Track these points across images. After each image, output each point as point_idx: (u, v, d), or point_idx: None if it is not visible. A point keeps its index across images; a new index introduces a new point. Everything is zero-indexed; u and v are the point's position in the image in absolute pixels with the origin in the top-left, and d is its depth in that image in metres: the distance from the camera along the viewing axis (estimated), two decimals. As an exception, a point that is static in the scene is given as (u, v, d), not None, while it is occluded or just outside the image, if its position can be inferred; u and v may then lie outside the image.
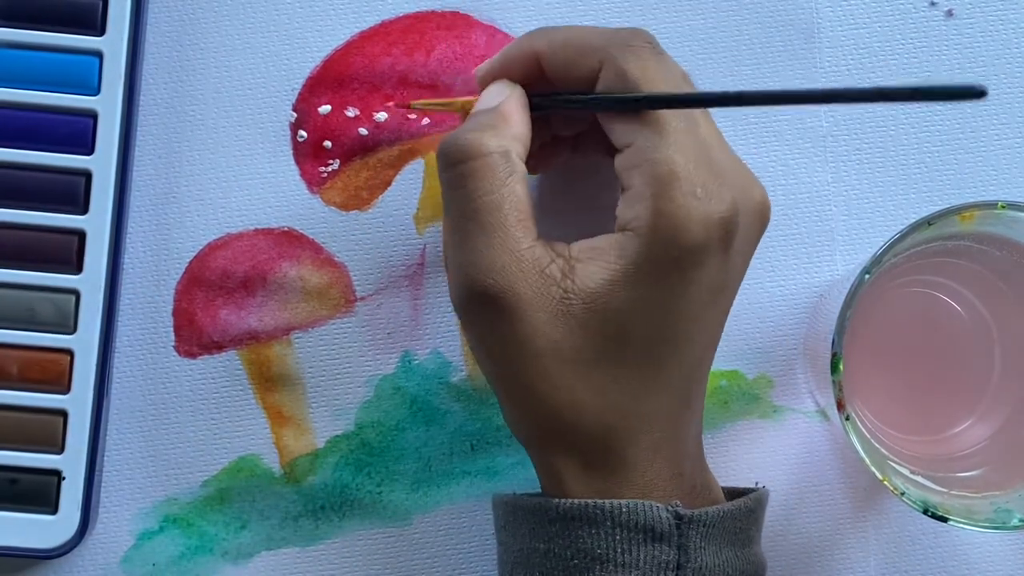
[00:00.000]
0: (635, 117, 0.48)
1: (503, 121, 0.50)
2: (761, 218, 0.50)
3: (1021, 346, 0.55)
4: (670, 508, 0.48)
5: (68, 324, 0.56)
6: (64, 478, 0.55)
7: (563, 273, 0.48)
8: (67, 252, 0.56)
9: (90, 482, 0.55)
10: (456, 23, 0.59)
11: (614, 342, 0.48)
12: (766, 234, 0.58)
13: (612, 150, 0.50)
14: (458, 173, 0.49)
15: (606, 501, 0.48)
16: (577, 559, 0.48)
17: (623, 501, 0.47)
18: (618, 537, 0.47)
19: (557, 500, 0.48)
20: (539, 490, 0.51)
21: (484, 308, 0.48)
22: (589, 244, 0.48)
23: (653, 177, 0.47)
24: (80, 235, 0.56)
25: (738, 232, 0.48)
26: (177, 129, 0.58)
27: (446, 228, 0.50)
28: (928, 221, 0.50)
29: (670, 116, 0.48)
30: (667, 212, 0.47)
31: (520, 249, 0.48)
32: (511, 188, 0.48)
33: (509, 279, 0.48)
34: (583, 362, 0.48)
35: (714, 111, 0.58)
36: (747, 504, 0.50)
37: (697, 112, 0.49)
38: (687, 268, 0.47)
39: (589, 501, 0.48)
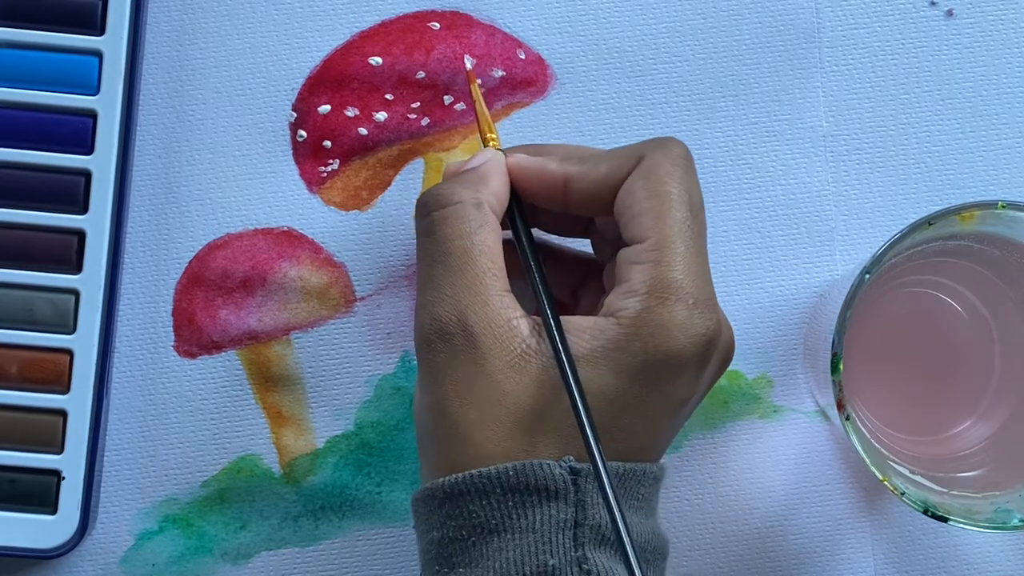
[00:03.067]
0: (654, 217, 0.48)
1: (480, 179, 0.51)
2: (727, 352, 0.50)
3: (1021, 346, 0.55)
4: (564, 463, 0.47)
5: (68, 324, 0.56)
6: (64, 478, 0.55)
7: (531, 331, 0.48)
8: (67, 252, 0.56)
9: (90, 482, 0.55)
10: (456, 23, 0.59)
11: (557, 411, 0.47)
12: (766, 234, 0.58)
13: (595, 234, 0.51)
14: (430, 220, 0.50)
15: (491, 467, 0.46)
16: (474, 536, 0.46)
17: (509, 464, 0.46)
18: (511, 503, 0.46)
19: (442, 479, 0.47)
20: None
21: (443, 343, 0.48)
22: (568, 318, 0.48)
23: (653, 278, 0.47)
24: (80, 235, 0.56)
25: (715, 355, 0.48)
26: (177, 129, 0.58)
27: (418, 276, 0.50)
28: (928, 221, 0.50)
29: (687, 227, 0.48)
30: (657, 312, 0.47)
31: (487, 294, 0.48)
32: (482, 237, 0.49)
33: (471, 319, 0.48)
34: (520, 422, 0.47)
35: (716, 112, 0.58)
36: (651, 469, 0.49)
37: (703, 231, 0.50)
38: (660, 372, 0.47)
39: (474, 471, 0.47)
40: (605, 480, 0.45)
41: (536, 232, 0.53)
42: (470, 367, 0.48)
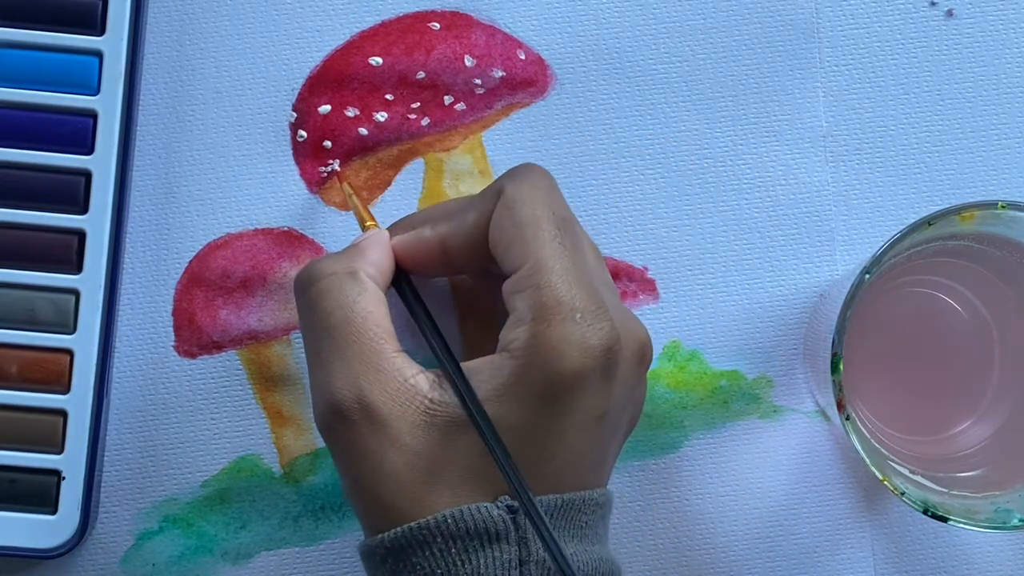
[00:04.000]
0: (524, 243, 0.48)
1: (357, 252, 0.50)
2: (641, 352, 0.49)
3: (1021, 346, 0.55)
4: (500, 503, 0.46)
5: (68, 324, 0.56)
6: (64, 478, 0.55)
7: (431, 385, 0.48)
8: (67, 252, 0.56)
9: (90, 482, 0.55)
10: (456, 23, 0.59)
11: (477, 455, 0.47)
12: (766, 233, 0.58)
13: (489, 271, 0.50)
14: (308, 297, 0.49)
15: (430, 517, 0.46)
16: None
17: (447, 511, 0.46)
18: (453, 550, 0.46)
19: (381, 536, 0.47)
20: None
21: (341, 421, 0.47)
22: (466, 363, 0.48)
23: (536, 302, 0.47)
24: (80, 235, 0.56)
25: (621, 361, 0.48)
26: (177, 129, 0.58)
27: (306, 357, 0.50)
28: (928, 221, 0.50)
29: (558, 245, 0.48)
30: (545, 335, 0.46)
31: (378, 360, 0.48)
32: (363, 304, 0.48)
33: (366, 390, 0.47)
34: (442, 475, 0.47)
35: (716, 112, 0.58)
36: (591, 496, 0.48)
37: (585, 243, 0.49)
38: (561, 393, 0.47)
39: (412, 524, 0.46)
40: (535, 514, 0.45)
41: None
42: (377, 439, 0.47)
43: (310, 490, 0.57)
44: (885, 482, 0.50)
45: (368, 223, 0.54)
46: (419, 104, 0.58)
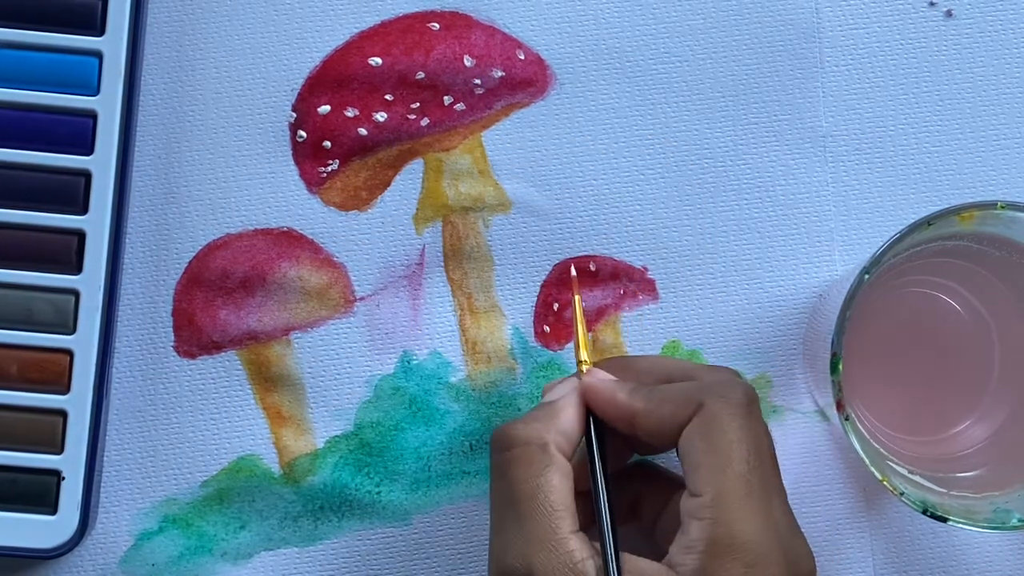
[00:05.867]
0: (711, 471, 0.48)
1: (552, 416, 0.51)
2: None
3: (1021, 346, 0.55)
4: None
5: (67, 324, 0.56)
6: (64, 478, 0.55)
7: (597, 572, 0.48)
8: (66, 252, 0.56)
9: (89, 482, 0.55)
10: (456, 23, 0.59)
11: None
12: (766, 234, 0.58)
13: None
14: (501, 460, 0.50)
15: None
16: None
17: None
18: None
19: None
20: None
21: None
22: (635, 562, 0.48)
23: (711, 536, 0.47)
24: (80, 235, 0.56)
25: None
26: (177, 129, 0.58)
27: (491, 516, 0.51)
28: (928, 221, 0.50)
29: (744, 483, 0.48)
30: (712, 571, 0.47)
31: (552, 538, 0.48)
32: (547, 478, 0.49)
33: (535, 565, 0.48)
34: None
35: (716, 112, 0.58)
36: None
37: (772, 478, 0.49)
38: None
39: None
40: None
41: None
42: None
43: (309, 490, 0.58)
44: (884, 482, 0.50)
45: (583, 362, 0.54)
46: (419, 104, 0.58)
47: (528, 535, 0.49)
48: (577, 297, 0.55)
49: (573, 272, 0.57)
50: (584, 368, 0.54)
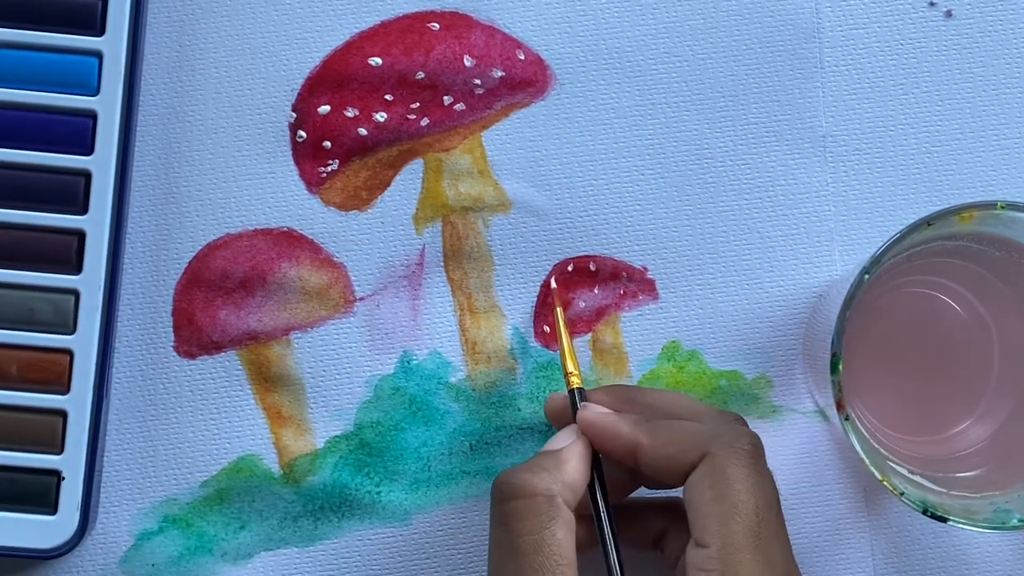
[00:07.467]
0: (718, 522, 0.48)
1: (558, 466, 0.51)
2: None
3: (1021, 346, 0.55)
4: None
5: (68, 324, 0.56)
6: (64, 478, 0.55)
7: None
8: (67, 252, 0.56)
9: (89, 482, 0.55)
10: (456, 23, 0.59)
11: None
12: (766, 234, 0.58)
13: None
14: (504, 510, 0.50)
15: None
16: None
17: None
18: None
19: None
20: None
21: None
22: None
23: None
24: (80, 235, 0.56)
25: None
26: (177, 129, 0.58)
27: (488, 565, 0.50)
28: (927, 221, 0.50)
29: (752, 536, 0.48)
30: None
31: None
32: (551, 532, 0.49)
33: None
34: None
35: (716, 112, 0.58)
36: None
37: (778, 528, 0.49)
38: None
39: None
40: None
41: None
42: None
43: (309, 490, 0.58)
44: (884, 482, 0.50)
45: (572, 375, 0.54)
46: (418, 104, 0.58)
47: None
48: (559, 310, 0.56)
49: (554, 284, 0.57)
50: (572, 380, 0.54)
